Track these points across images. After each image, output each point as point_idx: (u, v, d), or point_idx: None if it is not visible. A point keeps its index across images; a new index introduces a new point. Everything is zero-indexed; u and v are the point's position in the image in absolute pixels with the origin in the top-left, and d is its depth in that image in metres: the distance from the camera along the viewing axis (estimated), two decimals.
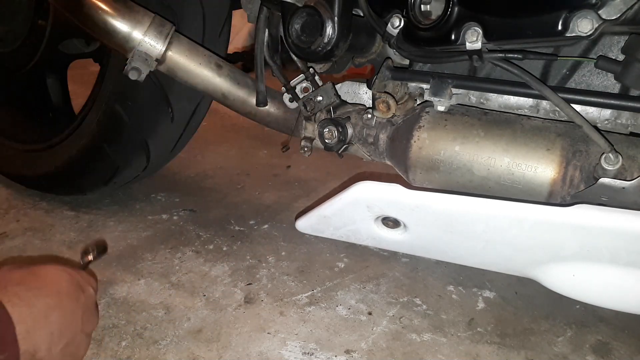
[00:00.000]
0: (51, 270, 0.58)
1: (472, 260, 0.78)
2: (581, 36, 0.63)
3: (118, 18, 0.80)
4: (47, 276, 0.57)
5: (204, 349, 0.71)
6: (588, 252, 0.64)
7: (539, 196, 0.67)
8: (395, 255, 0.94)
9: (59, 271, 0.58)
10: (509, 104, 0.73)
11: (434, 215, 0.69)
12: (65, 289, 0.57)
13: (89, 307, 0.60)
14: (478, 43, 0.67)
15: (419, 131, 0.73)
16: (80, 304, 0.58)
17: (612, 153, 0.61)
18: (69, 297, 0.57)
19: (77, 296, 0.58)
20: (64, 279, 0.58)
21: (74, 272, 0.60)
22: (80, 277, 0.61)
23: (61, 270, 0.59)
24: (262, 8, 0.84)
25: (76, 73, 1.37)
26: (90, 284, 0.63)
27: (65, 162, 1.05)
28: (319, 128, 0.82)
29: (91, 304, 0.61)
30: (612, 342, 0.74)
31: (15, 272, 0.55)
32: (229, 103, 0.91)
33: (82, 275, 0.62)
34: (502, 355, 0.71)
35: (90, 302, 0.61)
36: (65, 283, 0.58)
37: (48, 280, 0.56)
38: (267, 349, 0.71)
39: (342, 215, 0.77)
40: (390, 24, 0.74)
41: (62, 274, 0.58)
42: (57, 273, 0.58)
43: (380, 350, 0.72)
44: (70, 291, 0.57)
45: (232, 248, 0.96)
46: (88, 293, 0.61)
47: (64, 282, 0.57)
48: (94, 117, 1.00)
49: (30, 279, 0.55)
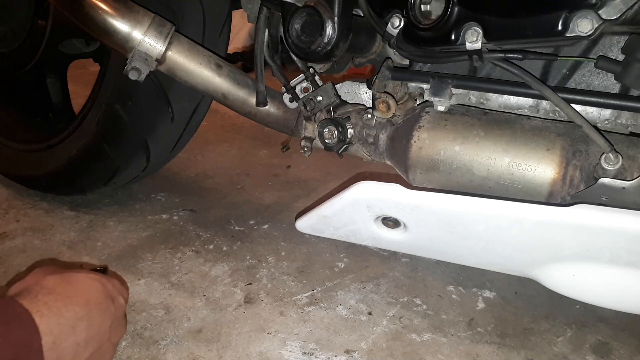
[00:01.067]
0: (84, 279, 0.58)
1: (472, 260, 0.78)
2: (581, 36, 0.63)
3: (118, 18, 0.80)
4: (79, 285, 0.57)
5: (204, 349, 0.71)
6: (588, 252, 0.64)
7: (538, 196, 0.67)
8: (395, 255, 0.94)
9: (92, 280, 0.59)
10: (509, 104, 0.73)
11: (434, 215, 0.69)
12: (95, 298, 0.57)
13: (118, 317, 0.61)
14: (478, 43, 0.67)
15: (419, 131, 0.73)
16: (109, 313, 0.59)
17: (612, 153, 0.61)
18: (98, 308, 0.57)
19: (107, 306, 0.58)
20: (95, 288, 0.58)
21: (106, 281, 0.61)
22: (112, 287, 0.61)
23: (94, 279, 0.59)
24: (262, 8, 0.84)
25: (76, 73, 1.38)
26: (121, 293, 0.63)
27: (65, 162, 1.04)
28: (319, 128, 0.82)
29: (120, 313, 0.62)
30: (612, 342, 0.74)
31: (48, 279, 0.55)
32: (229, 103, 0.91)
33: (114, 285, 0.62)
34: (502, 355, 0.71)
35: (120, 312, 0.62)
36: (96, 292, 0.58)
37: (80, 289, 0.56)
38: (267, 349, 0.71)
39: (342, 215, 0.77)
40: (390, 24, 0.74)
41: (94, 283, 0.58)
42: (89, 282, 0.58)
43: (380, 350, 0.72)
44: (101, 301, 0.58)
45: (232, 248, 0.96)
46: (118, 303, 0.61)
47: (95, 292, 0.58)
48: (94, 117, 1.00)
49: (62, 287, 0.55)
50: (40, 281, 0.55)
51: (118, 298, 0.61)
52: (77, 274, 0.58)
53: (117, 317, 0.60)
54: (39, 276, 0.56)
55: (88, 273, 0.60)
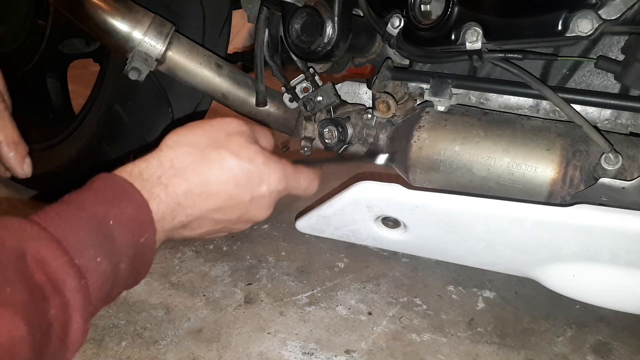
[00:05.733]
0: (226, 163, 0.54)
1: (472, 260, 0.78)
2: (581, 36, 0.63)
3: (118, 18, 0.80)
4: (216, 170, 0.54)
5: (204, 349, 0.71)
6: (588, 252, 0.64)
7: (538, 196, 0.67)
8: (395, 255, 0.94)
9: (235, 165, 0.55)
10: (509, 104, 0.73)
11: (434, 215, 0.69)
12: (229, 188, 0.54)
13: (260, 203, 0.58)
14: (478, 43, 0.67)
15: (419, 131, 0.73)
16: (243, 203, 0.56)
17: (612, 153, 0.61)
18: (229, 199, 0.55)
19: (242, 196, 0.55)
20: (235, 175, 0.55)
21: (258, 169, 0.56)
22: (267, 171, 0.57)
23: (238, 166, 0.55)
24: (262, 8, 0.85)
25: (76, 73, 1.37)
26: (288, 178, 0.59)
27: (65, 162, 1.04)
28: (319, 128, 0.82)
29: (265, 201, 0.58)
30: (612, 342, 0.74)
31: (183, 158, 0.53)
32: (229, 103, 0.91)
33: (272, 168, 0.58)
34: (502, 355, 0.71)
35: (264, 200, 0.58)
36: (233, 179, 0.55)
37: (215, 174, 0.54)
38: (267, 349, 0.71)
39: (342, 215, 0.77)
40: (390, 24, 0.74)
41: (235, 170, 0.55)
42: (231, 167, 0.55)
43: (380, 350, 0.72)
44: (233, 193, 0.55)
45: (232, 248, 0.96)
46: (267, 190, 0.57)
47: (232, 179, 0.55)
48: (94, 117, 1.00)
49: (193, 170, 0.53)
50: (173, 158, 0.53)
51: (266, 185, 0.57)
52: (222, 153, 0.55)
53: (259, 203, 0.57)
54: (174, 151, 0.54)
55: (238, 155, 0.55)
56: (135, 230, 0.48)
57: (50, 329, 0.41)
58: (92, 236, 0.45)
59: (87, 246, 0.44)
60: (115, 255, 0.46)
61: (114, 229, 0.46)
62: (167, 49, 0.83)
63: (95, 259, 0.44)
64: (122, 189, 0.49)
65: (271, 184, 0.58)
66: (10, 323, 0.38)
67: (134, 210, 0.48)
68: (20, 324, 0.38)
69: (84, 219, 0.45)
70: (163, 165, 0.52)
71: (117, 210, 0.47)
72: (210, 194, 0.54)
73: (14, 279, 0.40)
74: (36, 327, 0.39)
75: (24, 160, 0.62)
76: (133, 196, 0.49)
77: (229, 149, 0.55)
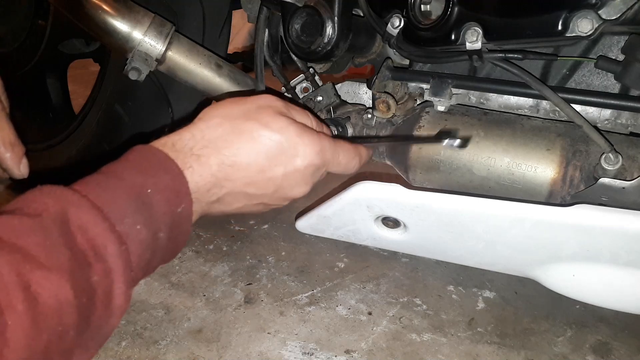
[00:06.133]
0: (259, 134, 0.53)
1: (472, 260, 0.78)
2: (581, 36, 0.63)
3: (118, 18, 0.80)
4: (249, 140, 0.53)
5: (204, 349, 0.71)
6: (588, 252, 0.64)
7: (538, 196, 0.67)
8: (395, 255, 0.94)
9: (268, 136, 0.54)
10: (509, 104, 0.73)
11: (434, 215, 0.69)
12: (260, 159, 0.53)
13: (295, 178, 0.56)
14: (478, 43, 0.67)
15: (419, 131, 0.73)
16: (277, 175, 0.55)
17: (612, 153, 0.61)
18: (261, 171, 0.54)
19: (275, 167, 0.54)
20: (268, 145, 0.54)
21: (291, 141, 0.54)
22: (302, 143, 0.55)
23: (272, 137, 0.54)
24: (262, 8, 0.85)
25: (76, 73, 1.37)
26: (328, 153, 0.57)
27: (65, 162, 1.04)
28: None
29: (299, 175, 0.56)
30: (612, 342, 0.74)
31: (214, 129, 0.53)
32: None
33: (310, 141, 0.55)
34: (502, 355, 0.71)
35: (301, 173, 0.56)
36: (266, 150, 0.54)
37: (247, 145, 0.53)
38: (267, 349, 0.71)
39: (342, 215, 0.77)
40: (390, 24, 0.74)
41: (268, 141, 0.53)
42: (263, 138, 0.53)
43: (380, 350, 0.72)
44: (265, 165, 0.54)
45: (232, 248, 0.96)
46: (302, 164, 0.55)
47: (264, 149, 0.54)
48: (94, 117, 1.00)
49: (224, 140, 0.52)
50: (204, 129, 0.53)
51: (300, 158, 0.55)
52: (252, 124, 0.54)
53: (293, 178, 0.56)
54: (206, 123, 0.53)
55: (268, 125, 0.54)
56: (172, 199, 0.48)
57: (94, 294, 0.41)
58: (131, 204, 0.45)
59: (127, 214, 0.44)
60: (153, 223, 0.46)
61: (152, 197, 0.46)
62: (167, 49, 0.83)
63: (135, 226, 0.45)
64: (157, 160, 0.49)
65: (306, 157, 0.55)
66: (57, 286, 0.38)
67: (170, 180, 0.48)
68: (67, 287, 0.39)
69: (122, 188, 0.46)
70: (195, 137, 0.52)
71: (155, 180, 0.47)
72: (242, 165, 0.53)
73: (59, 243, 0.40)
74: (81, 292, 0.40)
75: (21, 161, 0.62)
76: (169, 166, 0.49)
77: (259, 120, 0.54)
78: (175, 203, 0.48)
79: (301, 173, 0.56)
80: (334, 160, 0.59)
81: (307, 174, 0.57)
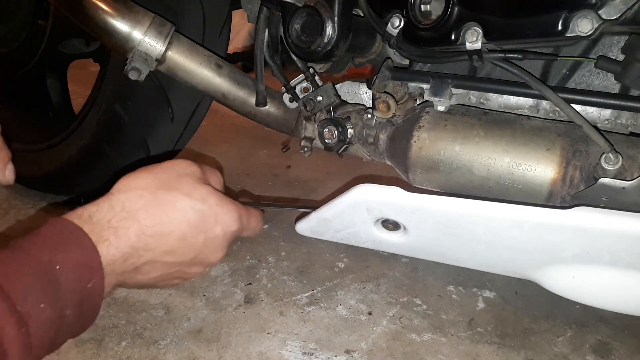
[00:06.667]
0: (178, 205, 0.54)
1: (472, 262, 0.77)
2: (581, 36, 0.63)
3: (118, 18, 0.80)
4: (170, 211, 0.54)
5: (204, 349, 0.71)
6: (588, 254, 0.64)
7: (539, 196, 0.67)
8: (395, 255, 0.94)
9: (189, 207, 0.55)
10: (509, 104, 0.73)
11: (434, 217, 0.69)
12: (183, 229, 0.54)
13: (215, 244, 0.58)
14: (478, 43, 0.67)
15: (419, 131, 0.73)
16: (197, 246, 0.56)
17: (612, 153, 0.61)
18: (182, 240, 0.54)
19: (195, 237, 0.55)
20: (188, 217, 0.54)
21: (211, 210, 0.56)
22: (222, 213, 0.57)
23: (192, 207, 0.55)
24: (262, 8, 0.84)
25: (76, 73, 1.37)
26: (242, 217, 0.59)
27: (65, 162, 1.04)
28: (319, 128, 0.82)
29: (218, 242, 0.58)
30: (612, 342, 0.74)
31: (134, 200, 0.53)
32: (229, 103, 0.91)
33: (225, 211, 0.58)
34: (502, 355, 0.71)
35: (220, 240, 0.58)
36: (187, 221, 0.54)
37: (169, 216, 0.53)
38: (267, 349, 0.71)
39: (342, 218, 0.77)
40: (390, 24, 0.74)
41: (189, 211, 0.55)
42: (184, 209, 0.54)
43: (380, 350, 0.72)
44: (188, 233, 0.55)
45: (232, 248, 0.96)
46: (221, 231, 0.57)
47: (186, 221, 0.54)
48: (94, 117, 1.00)
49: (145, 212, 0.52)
50: (124, 201, 0.53)
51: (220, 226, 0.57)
52: (174, 194, 0.54)
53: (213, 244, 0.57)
54: (125, 194, 0.53)
55: (190, 195, 0.55)
56: (83, 275, 0.47)
57: None
58: (36, 282, 0.43)
59: (31, 292, 0.43)
60: (60, 301, 0.45)
61: (59, 274, 0.45)
62: (167, 49, 0.83)
63: (38, 305, 0.43)
64: (70, 233, 0.48)
65: (225, 224, 0.58)
66: None
67: (81, 255, 0.47)
68: None
69: (28, 265, 0.44)
70: (114, 209, 0.52)
71: (64, 255, 0.46)
72: (163, 234, 0.53)
73: None
74: None
75: (6, 166, 0.62)
76: (81, 240, 0.48)
77: (181, 189, 0.55)
78: (86, 279, 0.47)
79: (220, 239, 0.59)
80: (247, 225, 0.62)
81: (225, 240, 0.60)
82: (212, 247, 0.58)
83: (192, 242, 0.56)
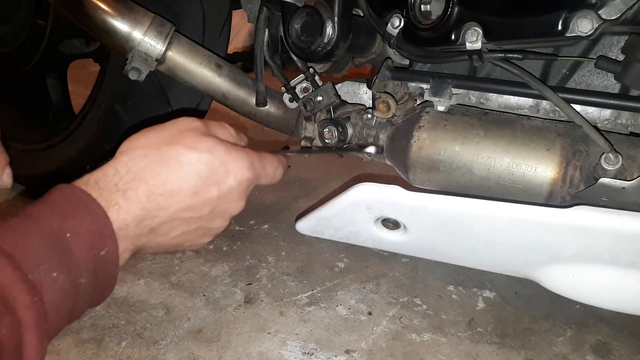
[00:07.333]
0: (186, 159, 0.52)
1: (472, 261, 0.78)
2: (581, 36, 0.63)
3: (118, 18, 0.80)
4: (177, 167, 0.52)
5: (204, 349, 0.71)
6: (588, 253, 0.64)
7: (539, 196, 0.67)
8: (395, 255, 0.94)
9: (196, 160, 0.53)
10: (509, 104, 0.73)
11: (434, 216, 0.69)
12: (193, 184, 0.52)
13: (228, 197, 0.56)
14: (478, 43, 0.67)
15: (419, 131, 0.73)
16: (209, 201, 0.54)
17: (612, 153, 0.61)
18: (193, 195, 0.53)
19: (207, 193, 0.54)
20: (197, 171, 0.53)
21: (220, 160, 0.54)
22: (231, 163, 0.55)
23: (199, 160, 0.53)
24: (262, 8, 0.85)
25: (76, 73, 1.37)
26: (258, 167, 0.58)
27: (65, 162, 1.05)
28: (319, 128, 0.82)
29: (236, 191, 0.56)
30: (612, 342, 0.74)
31: (140, 160, 0.51)
32: (229, 103, 0.91)
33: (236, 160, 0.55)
34: (502, 355, 0.71)
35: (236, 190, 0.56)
36: (195, 176, 0.53)
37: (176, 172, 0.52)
38: (267, 349, 0.71)
39: (342, 217, 0.77)
40: (390, 24, 0.74)
41: (197, 165, 0.53)
42: (191, 163, 0.53)
43: (380, 350, 0.72)
44: (198, 188, 0.53)
45: (232, 248, 0.96)
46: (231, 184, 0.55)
47: (195, 175, 0.53)
48: (94, 117, 1.00)
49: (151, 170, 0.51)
50: (128, 162, 0.51)
51: (232, 175, 0.55)
52: (178, 149, 0.52)
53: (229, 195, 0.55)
54: (128, 155, 0.52)
55: (195, 147, 0.53)
56: (95, 242, 0.46)
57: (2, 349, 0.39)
58: (47, 250, 0.43)
59: (42, 260, 0.42)
60: (73, 269, 0.44)
61: (71, 241, 0.44)
62: (167, 49, 0.83)
63: (50, 273, 0.42)
64: (78, 200, 0.47)
65: (238, 173, 0.56)
66: None
67: (91, 222, 0.46)
68: None
69: (38, 232, 0.43)
70: (119, 172, 0.51)
71: (74, 223, 0.45)
72: (174, 191, 0.52)
73: None
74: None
75: (4, 170, 0.61)
76: (91, 207, 0.47)
77: (184, 143, 0.53)
78: (98, 246, 0.46)
79: (236, 189, 0.57)
80: (262, 172, 0.61)
81: (241, 189, 0.58)
82: (228, 198, 0.57)
83: (205, 196, 0.54)
